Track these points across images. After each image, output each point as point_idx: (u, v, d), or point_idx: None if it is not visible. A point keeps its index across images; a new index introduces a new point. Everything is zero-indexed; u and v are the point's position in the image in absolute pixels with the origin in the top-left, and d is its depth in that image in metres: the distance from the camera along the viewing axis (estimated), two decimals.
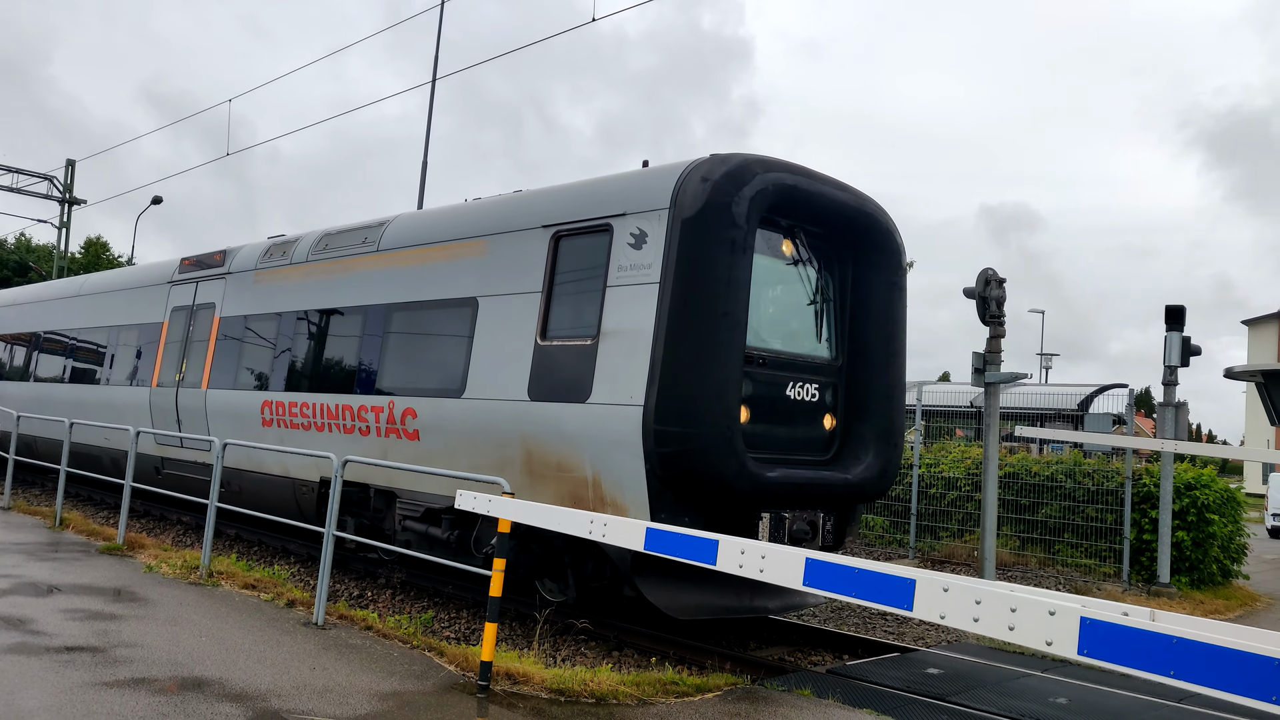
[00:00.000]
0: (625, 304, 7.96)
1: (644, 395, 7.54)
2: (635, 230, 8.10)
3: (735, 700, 6.31)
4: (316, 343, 11.65)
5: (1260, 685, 2.11)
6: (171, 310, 14.83)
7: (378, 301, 10.78)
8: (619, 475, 7.79)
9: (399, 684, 6.07)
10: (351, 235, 11.64)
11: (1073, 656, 2.62)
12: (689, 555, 4.37)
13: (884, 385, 9.02)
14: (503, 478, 7.95)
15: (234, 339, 13.10)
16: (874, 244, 9.12)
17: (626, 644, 8.53)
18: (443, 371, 9.64)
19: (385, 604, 10.13)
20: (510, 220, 9.47)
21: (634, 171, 8.80)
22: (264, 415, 12.07)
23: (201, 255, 14.75)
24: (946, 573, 6.48)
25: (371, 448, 10.32)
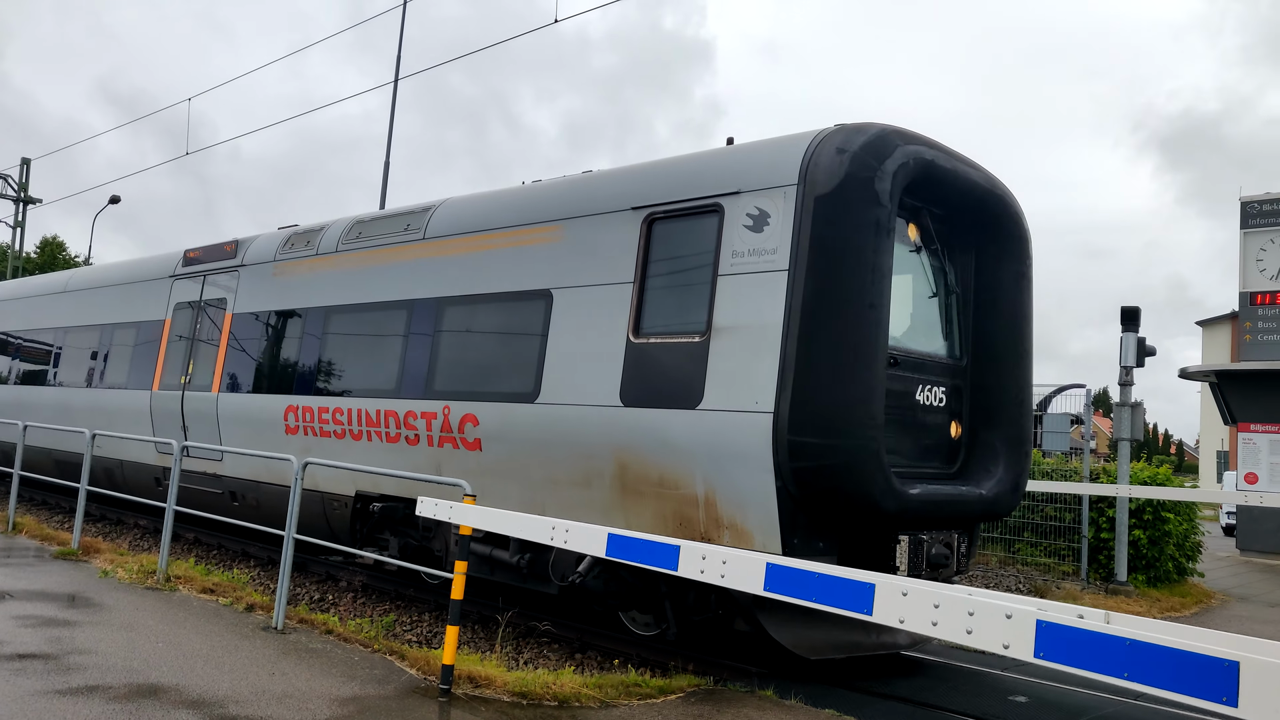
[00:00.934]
0: (744, 295, 6.99)
1: (773, 400, 6.59)
2: (754, 210, 7.12)
3: (698, 702, 6.32)
4: (351, 341, 10.49)
5: (1210, 686, 2.15)
6: (175, 306, 13.58)
7: (426, 295, 9.62)
8: (739, 493, 6.80)
9: (360, 688, 6.01)
10: (389, 222, 10.53)
11: (1029, 659, 2.65)
12: (647, 560, 4.36)
13: (1013, 389, 8.10)
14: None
15: (250, 338, 11.92)
16: (1003, 230, 8.19)
17: (590, 646, 8.51)
18: (510, 373, 8.59)
19: (347, 607, 10.03)
20: (590, 202, 8.41)
21: (746, 145, 7.80)
22: (287, 422, 10.87)
23: (208, 247, 13.51)
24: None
25: (421, 459, 9.20)
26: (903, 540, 7.10)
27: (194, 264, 13.51)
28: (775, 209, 7.01)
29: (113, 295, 15.39)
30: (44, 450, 15.26)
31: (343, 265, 10.85)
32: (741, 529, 6.82)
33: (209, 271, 13.09)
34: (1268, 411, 20.37)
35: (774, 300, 6.78)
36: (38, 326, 17.64)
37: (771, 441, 6.57)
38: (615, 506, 7.60)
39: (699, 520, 7.06)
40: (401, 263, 10.09)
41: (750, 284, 7.00)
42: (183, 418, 12.70)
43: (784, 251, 6.85)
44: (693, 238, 7.56)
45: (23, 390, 17.57)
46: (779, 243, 6.90)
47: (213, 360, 12.44)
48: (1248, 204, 21.59)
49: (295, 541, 7.99)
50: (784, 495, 6.61)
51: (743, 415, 6.74)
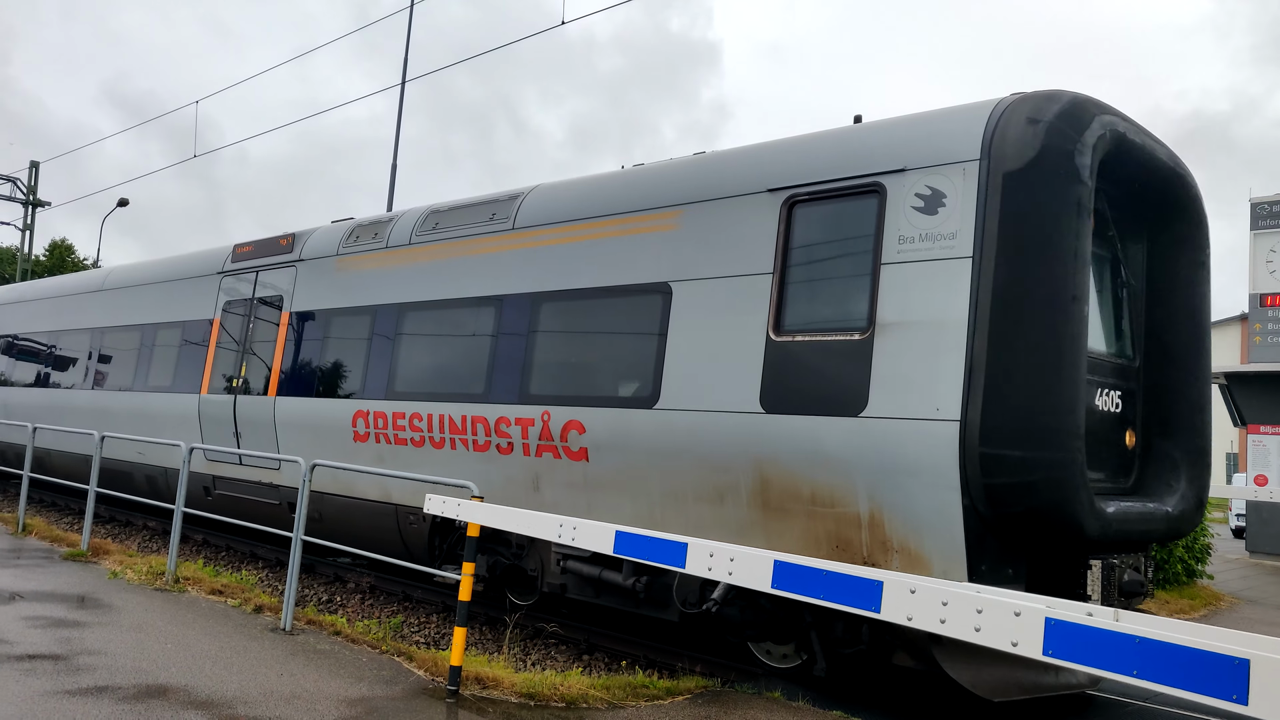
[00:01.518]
0: (916, 286, 6.20)
1: (959, 407, 5.81)
2: (925, 190, 6.34)
3: (705, 703, 6.31)
4: (430, 341, 9.65)
5: (1220, 684, 2.14)
6: (224, 305, 12.72)
7: (518, 290, 8.82)
8: (913, 513, 6.03)
9: (368, 689, 6.02)
10: (471, 212, 9.71)
11: (1038, 657, 2.64)
12: (655, 558, 4.36)
13: (1193, 393, 7.27)
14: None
15: (310, 338, 11.06)
16: (1183, 214, 7.35)
17: (597, 647, 8.50)
18: (622, 375, 7.84)
19: (354, 609, 10.05)
20: (714, 185, 7.62)
21: (906, 118, 7.00)
22: (356, 428, 10.03)
23: (260, 241, 12.64)
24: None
25: (516, 469, 8.45)
26: (1094, 565, 6.41)
27: (244, 260, 12.67)
28: (952, 188, 6.23)
29: (154, 294, 14.57)
30: (81, 457, 14.40)
31: (417, 259, 10.01)
32: (915, 553, 6.05)
33: (262, 267, 12.27)
34: (1277, 413, 20.28)
35: (956, 292, 5.99)
36: (71, 327, 16.70)
37: (958, 454, 5.79)
38: (754, 525, 6.82)
39: (861, 543, 6.28)
40: (488, 255, 9.25)
41: (924, 273, 6.19)
42: (235, 423, 11.90)
43: (966, 236, 6.05)
44: (846, 222, 6.75)
45: (55, 394, 16.66)
46: (959, 226, 6.11)
47: (268, 362, 11.61)
48: (1257, 205, 21.50)
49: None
50: (971, 515, 5.83)
51: (920, 424, 5.97)
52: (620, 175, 8.77)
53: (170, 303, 13.97)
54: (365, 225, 11.02)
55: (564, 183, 9.28)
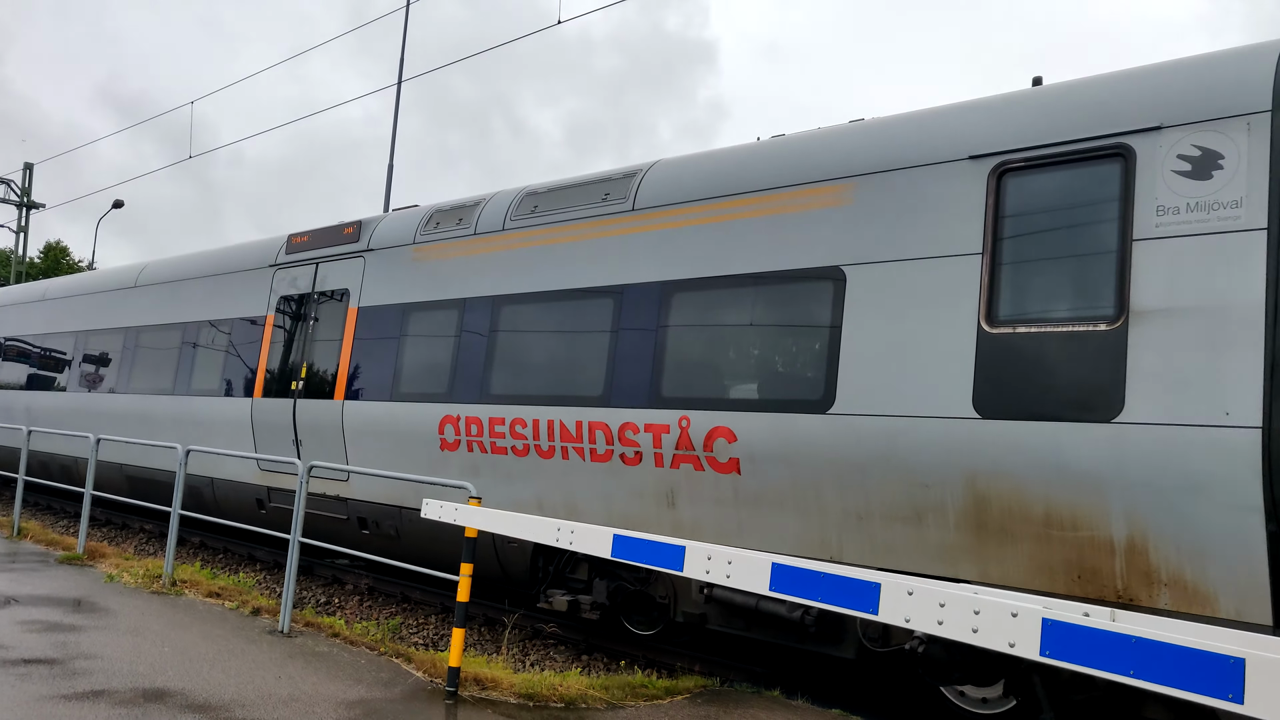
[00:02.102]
0: (1186, 265, 5.30)
1: (1260, 411, 4.93)
2: (1191, 150, 5.42)
3: (704, 703, 6.31)
4: (534, 337, 8.62)
5: (1216, 683, 2.15)
6: (278, 301, 11.73)
7: (643, 279, 7.80)
8: (1194, 539, 5.12)
9: (366, 691, 6.01)
10: (577, 193, 8.74)
11: (1035, 657, 2.65)
12: (653, 561, 4.36)
13: None
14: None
15: (384, 335, 10.02)
16: None
17: (596, 648, 8.51)
18: (783, 375, 6.93)
19: (352, 610, 10.04)
20: (896, 152, 6.67)
21: (1151, 67, 6.02)
22: (444, 435, 9.02)
23: (319, 231, 11.68)
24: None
25: (646, 482, 7.45)
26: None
27: (300, 251, 11.67)
28: (1232, 147, 5.30)
29: (195, 290, 13.45)
30: (112, 465, 13.58)
31: (514, 246, 8.96)
32: (1193, 587, 5.15)
33: (322, 259, 11.27)
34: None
35: (1244, 271, 5.10)
36: (101, 327, 15.49)
37: (1261, 469, 4.90)
38: (965, 551, 5.90)
39: (1114, 573, 5.39)
40: (603, 240, 8.23)
41: (1196, 250, 5.28)
42: (295, 430, 10.86)
43: (1256, 203, 5.14)
44: (1079, 192, 5.84)
45: (84, 398, 15.42)
46: (1243, 192, 5.20)
47: (333, 362, 10.60)
48: None
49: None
50: (1278, 543, 4.92)
51: (1201, 431, 5.08)
52: (768, 146, 7.77)
53: (214, 299, 12.92)
54: (446, 211, 10.05)
55: (691, 158, 8.35)
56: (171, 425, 12.90)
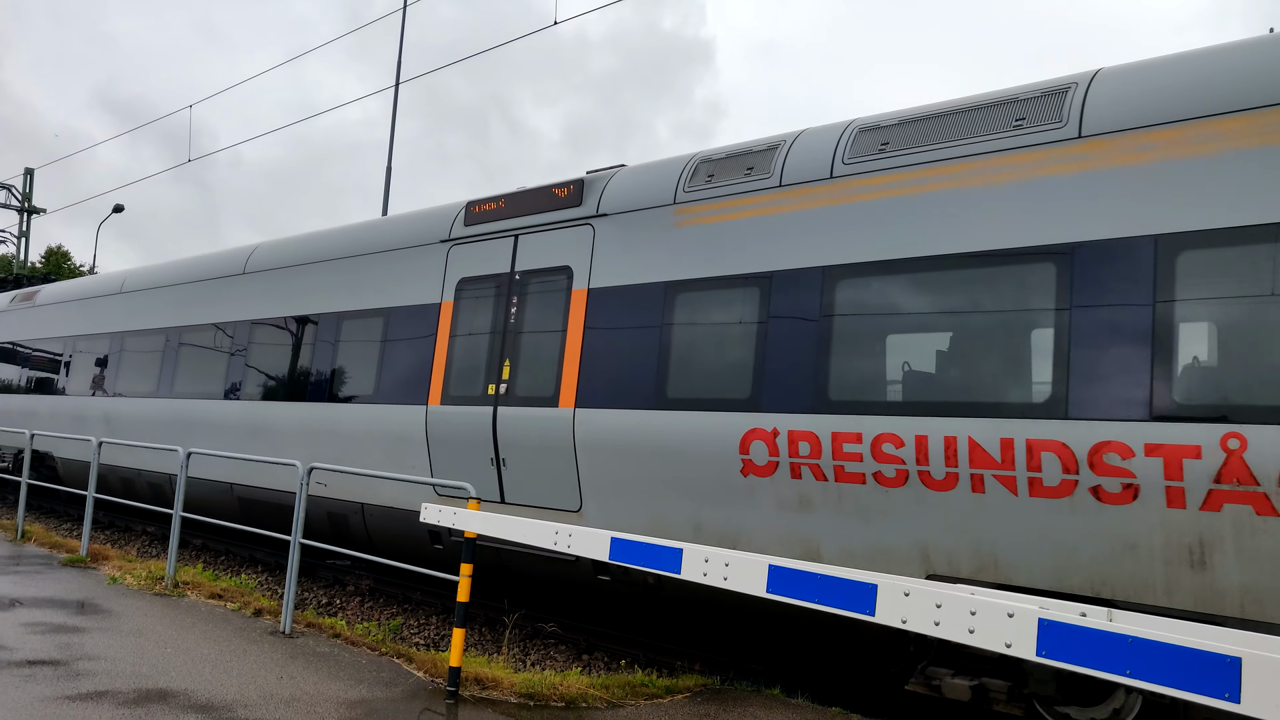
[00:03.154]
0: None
1: None
2: None
3: (704, 701, 6.33)
4: (906, 319, 6.44)
5: (1213, 683, 2.15)
6: (459, 284, 9.50)
7: (1130, 232, 5.53)
8: None
9: (367, 691, 6.03)
10: (953, 122, 6.59)
11: (1032, 657, 2.65)
12: (649, 564, 4.37)
13: None
14: None
15: (635, 325, 7.89)
16: None
17: (596, 647, 8.52)
18: None
19: (354, 611, 10.06)
20: None
21: None
22: (749, 455, 6.84)
23: (517, 195, 9.35)
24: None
25: (1149, 529, 5.23)
26: None
27: (489, 220, 9.41)
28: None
29: (331, 275, 11.29)
30: (219, 486, 11.87)
31: (853, 197, 6.86)
32: None
33: (525, 230, 9.04)
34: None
35: None
36: (201, 322, 13.23)
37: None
38: None
39: None
40: (1024, 184, 6.04)
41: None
42: (495, 445, 8.71)
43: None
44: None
45: (177, 406, 13.10)
46: None
47: (553, 359, 8.43)
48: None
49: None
50: None
51: None
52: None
53: (358, 286, 10.81)
54: (723, 159, 7.91)
55: (1157, 62, 6.01)
56: (300, 438, 10.88)
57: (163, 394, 13.55)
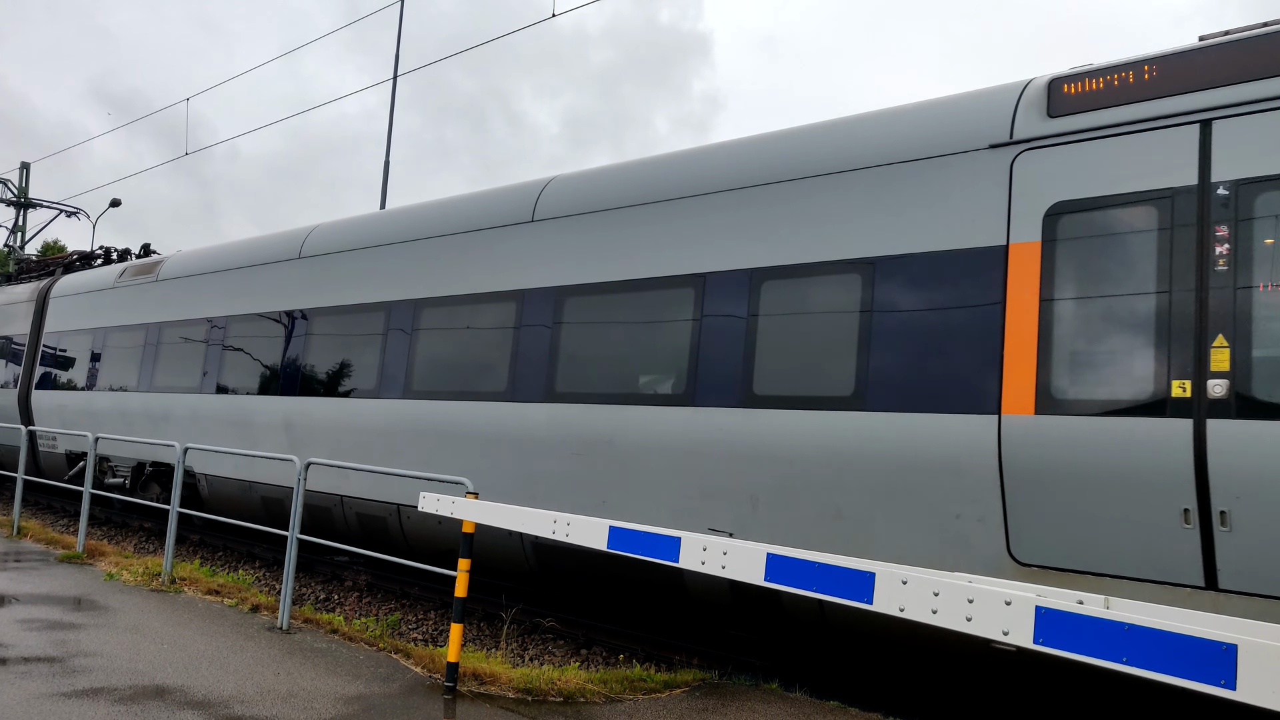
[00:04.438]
0: None
1: None
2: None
3: (703, 695, 6.32)
4: None
5: (1209, 670, 2.15)
6: (1053, 214, 5.93)
7: None
8: None
9: (365, 687, 6.02)
10: None
11: (1029, 645, 2.65)
12: (648, 553, 4.37)
13: None
14: None
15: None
16: None
17: (595, 641, 8.52)
18: None
19: (352, 607, 10.05)
20: None
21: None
22: None
23: (1186, 55, 5.70)
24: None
25: None
26: None
27: (1111, 104, 5.90)
28: None
29: (636, 228, 8.10)
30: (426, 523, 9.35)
31: None
32: None
33: (1237, 107, 5.40)
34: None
35: None
36: (362, 300, 10.47)
37: None
38: None
39: None
40: None
41: None
42: (1202, 487, 5.17)
43: None
44: None
45: (343, 406, 10.34)
46: None
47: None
48: None
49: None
50: None
51: None
52: None
53: (739, 235, 7.41)
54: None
55: None
56: (554, 448, 8.24)
57: (286, 392, 11.10)
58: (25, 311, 18.20)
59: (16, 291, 19.21)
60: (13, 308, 18.87)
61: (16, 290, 19.27)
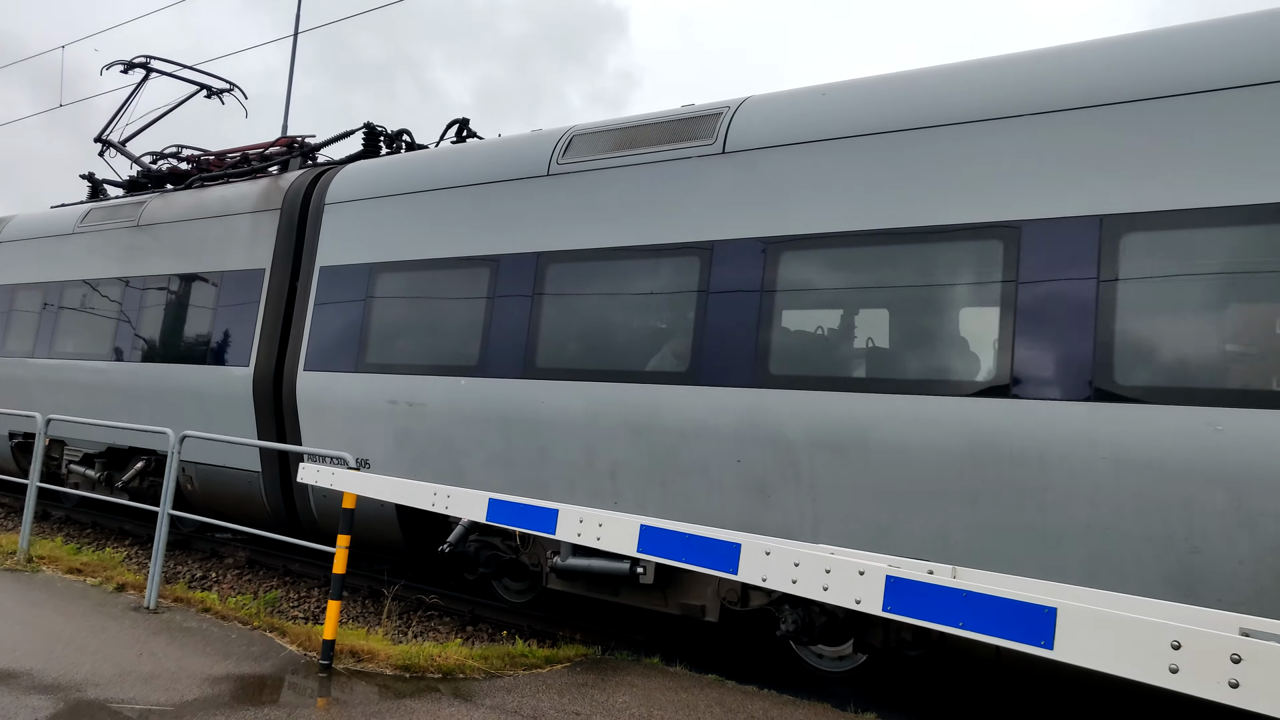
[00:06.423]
0: None
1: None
2: None
3: (583, 670, 6.35)
4: None
5: (1032, 631, 2.26)
6: None
7: None
8: None
9: (234, 667, 5.83)
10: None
11: (879, 612, 2.73)
12: (526, 524, 4.34)
13: None
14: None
15: None
16: None
17: (481, 619, 8.45)
18: None
19: (229, 585, 9.73)
20: None
21: None
22: None
23: None
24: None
25: None
26: None
27: None
28: None
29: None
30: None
31: None
32: None
33: None
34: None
35: None
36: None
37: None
38: None
39: None
40: None
41: None
42: None
43: None
44: None
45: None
46: None
47: None
48: None
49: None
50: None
51: None
52: None
53: None
54: None
55: None
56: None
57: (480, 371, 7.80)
58: None
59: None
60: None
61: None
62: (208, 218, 10.68)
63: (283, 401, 9.26)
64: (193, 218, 10.88)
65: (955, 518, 5.52)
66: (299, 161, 11.28)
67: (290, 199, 9.88)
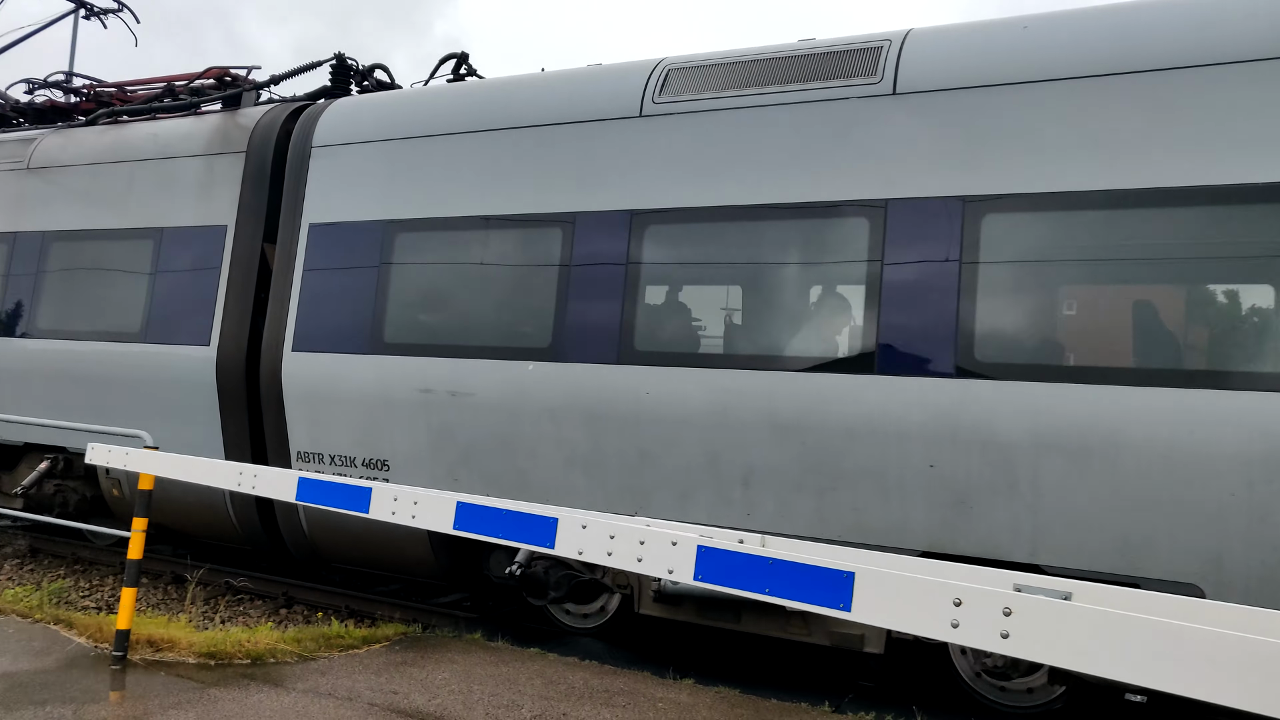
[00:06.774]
0: None
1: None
2: None
3: (403, 649, 6.22)
4: None
5: (832, 595, 2.38)
6: None
7: None
8: None
9: (11, 664, 5.35)
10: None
11: (690, 582, 2.80)
12: (340, 504, 4.19)
13: None
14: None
15: None
16: None
17: (296, 601, 8.13)
18: None
19: (8, 576, 8.91)
20: None
21: None
22: None
23: None
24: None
25: None
26: None
27: None
28: None
29: None
30: None
31: None
32: None
33: None
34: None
35: None
36: None
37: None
38: None
39: None
40: None
41: None
42: None
43: None
44: None
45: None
46: None
47: None
48: None
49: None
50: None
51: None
52: None
53: None
54: None
55: None
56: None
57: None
58: None
59: None
60: None
61: None
62: (134, 160, 8.68)
63: (261, 390, 7.65)
64: (111, 160, 8.82)
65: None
66: (253, 96, 9.12)
67: (259, 140, 8.08)
